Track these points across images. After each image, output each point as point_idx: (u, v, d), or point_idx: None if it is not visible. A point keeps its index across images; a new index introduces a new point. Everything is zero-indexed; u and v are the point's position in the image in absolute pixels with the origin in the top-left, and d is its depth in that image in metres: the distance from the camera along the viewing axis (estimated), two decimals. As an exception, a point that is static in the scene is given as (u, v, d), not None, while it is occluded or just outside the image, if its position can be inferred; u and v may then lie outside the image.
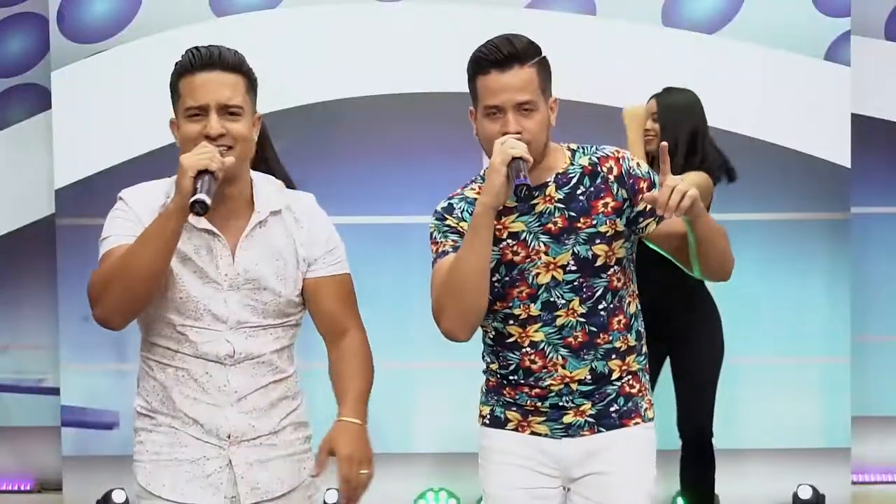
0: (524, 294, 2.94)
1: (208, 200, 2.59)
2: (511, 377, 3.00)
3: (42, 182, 6.06)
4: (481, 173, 2.98)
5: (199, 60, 2.71)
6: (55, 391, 6.05)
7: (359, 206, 5.75)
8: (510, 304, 2.95)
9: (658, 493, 4.24)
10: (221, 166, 2.64)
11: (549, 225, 2.93)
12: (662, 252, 3.08)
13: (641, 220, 2.96)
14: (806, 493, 5.74)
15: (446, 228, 2.99)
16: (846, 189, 5.89)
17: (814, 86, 5.81)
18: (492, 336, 3.03)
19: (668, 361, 4.97)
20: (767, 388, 5.93)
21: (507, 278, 2.94)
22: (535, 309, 2.94)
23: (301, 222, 2.85)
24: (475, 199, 2.91)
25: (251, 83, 2.77)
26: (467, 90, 3.00)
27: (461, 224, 2.95)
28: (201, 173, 2.61)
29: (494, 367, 3.04)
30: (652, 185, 2.94)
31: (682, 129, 4.86)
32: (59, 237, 5.88)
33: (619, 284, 2.97)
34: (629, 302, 3.01)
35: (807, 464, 5.88)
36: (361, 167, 5.85)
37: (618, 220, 2.94)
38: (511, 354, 2.99)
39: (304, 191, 3.03)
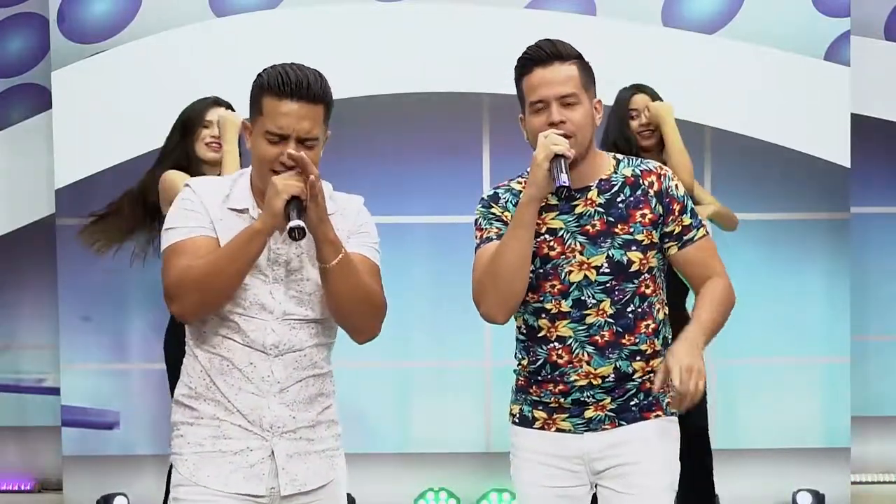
0: (556, 290, 3.05)
1: (305, 225, 2.73)
2: (539, 373, 3.10)
3: (42, 182, 6.06)
4: (527, 171, 3.07)
5: (287, 87, 2.82)
6: (55, 391, 6.05)
7: (359, 206, 5.74)
8: (541, 298, 3.06)
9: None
10: (310, 191, 2.77)
11: (588, 227, 3.05)
12: (677, 272, 3.18)
13: (667, 240, 3.10)
14: (806, 500, 5.73)
15: (491, 216, 3.11)
16: (846, 189, 5.90)
17: (814, 86, 5.81)
18: (524, 330, 3.13)
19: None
20: (767, 388, 5.93)
21: (540, 271, 3.06)
22: (565, 305, 3.05)
23: (344, 213, 2.98)
24: (520, 192, 3.06)
25: (329, 109, 2.92)
26: (467, 90, 3.04)
27: (505, 213, 3.09)
28: (293, 198, 2.75)
29: (524, 363, 3.14)
30: (684, 210, 3.08)
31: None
32: (59, 237, 5.88)
33: (649, 291, 3.08)
34: (658, 308, 3.11)
35: (807, 464, 5.88)
36: (361, 167, 5.85)
37: (654, 231, 3.07)
38: (539, 349, 3.09)
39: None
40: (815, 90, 5.81)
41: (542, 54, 3.01)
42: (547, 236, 3.05)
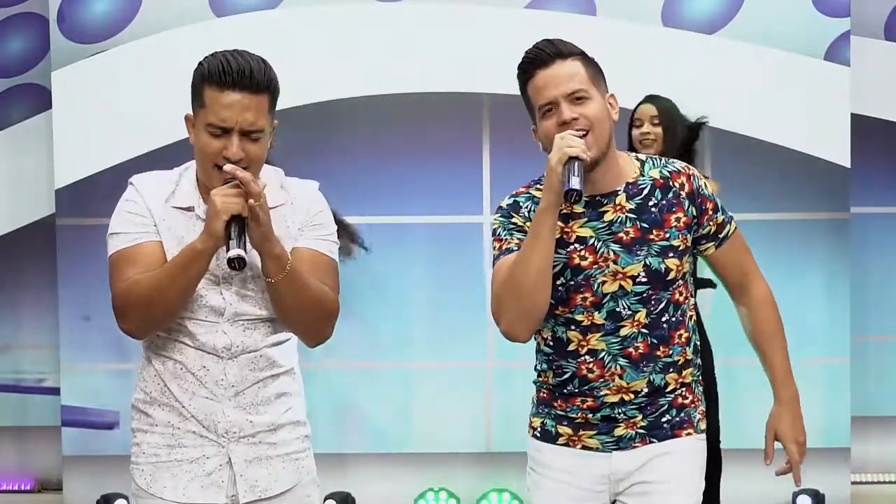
0: (588, 301, 2.88)
1: (247, 257, 2.63)
2: (565, 388, 2.94)
3: (42, 182, 6.07)
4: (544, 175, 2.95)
5: (229, 78, 2.68)
6: (55, 391, 6.05)
7: (359, 206, 5.74)
8: (572, 310, 2.89)
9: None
10: (249, 212, 2.65)
11: (621, 234, 2.87)
12: (712, 272, 3.11)
13: (704, 242, 2.97)
14: (806, 501, 5.74)
15: (511, 226, 2.92)
16: (846, 189, 5.90)
17: (814, 86, 5.81)
18: (550, 343, 2.95)
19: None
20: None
21: (571, 283, 2.88)
22: (598, 317, 2.88)
23: (295, 205, 2.84)
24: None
25: (275, 97, 2.76)
26: (467, 90, 3.00)
27: (527, 224, 2.88)
28: (235, 218, 2.64)
29: (547, 377, 2.98)
30: (717, 209, 2.95)
31: (679, 132, 4.91)
32: (59, 237, 5.88)
33: (681, 298, 2.94)
34: (690, 315, 2.98)
35: (807, 463, 5.84)
36: (361, 167, 5.86)
37: (688, 235, 2.92)
38: (567, 363, 2.93)
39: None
40: (815, 90, 5.81)
41: (542, 55, 2.84)
42: (577, 245, 2.87)
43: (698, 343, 3.03)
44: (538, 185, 2.92)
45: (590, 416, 2.93)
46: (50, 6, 5.84)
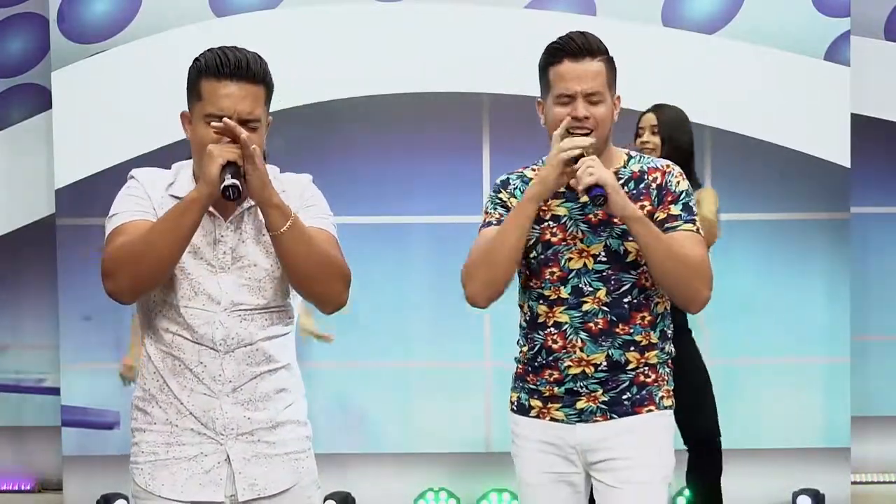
0: (555, 276, 3.09)
1: (241, 185, 2.63)
2: (536, 360, 3.13)
3: (42, 182, 6.07)
4: (543, 158, 3.12)
5: (226, 68, 2.72)
6: (55, 391, 6.05)
7: (359, 206, 5.75)
8: (542, 284, 3.11)
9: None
10: (245, 157, 2.67)
11: (590, 215, 3.08)
12: None
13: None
14: (806, 501, 5.74)
15: (497, 201, 3.18)
16: (846, 189, 5.90)
17: (814, 86, 5.81)
18: (527, 318, 3.17)
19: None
20: (767, 388, 5.93)
21: (542, 256, 3.10)
22: (564, 292, 3.09)
23: (287, 192, 2.83)
24: (530, 179, 3.12)
25: (270, 91, 2.80)
26: (467, 90, 3.03)
27: (511, 200, 3.14)
28: (229, 163, 2.66)
29: (524, 350, 3.18)
30: (675, 201, 3.07)
31: (680, 142, 4.93)
32: (59, 237, 5.88)
33: (649, 284, 3.09)
34: (658, 302, 3.13)
35: (807, 464, 5.88)
36: (361, 167, 5.86)
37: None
38: (537, 335, 3.13)
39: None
40: (815, 90, 5.81)
41: (574, 46, 3.04)
42: (551, 223, 3.10)
43: (668, 331, 3.16)
44: (532, 167, 3.19)
45: (556, 388, 3.11)
46: (50, 6, 5.84)
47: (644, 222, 2.98)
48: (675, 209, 3.07)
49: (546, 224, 3.10)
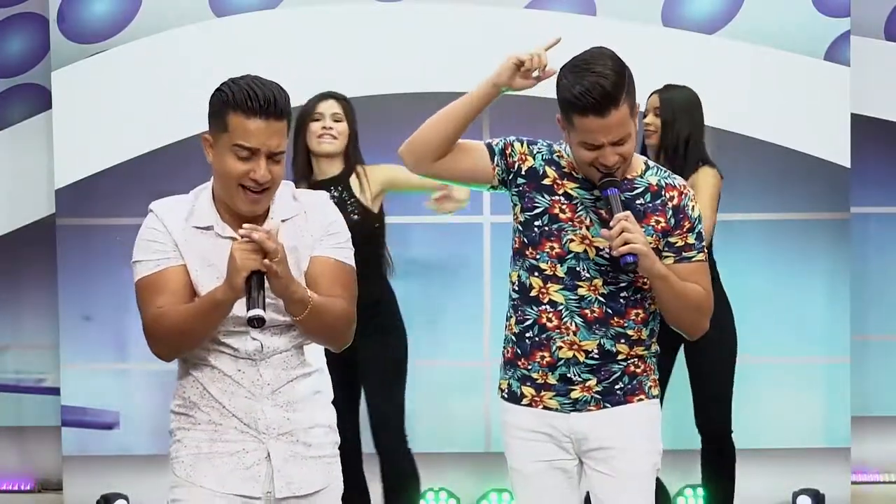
0: (554, 252, 3.12)
1: (265, 316, 2.72)
2: (526, 335, 3.15)
3: (42, 182, 6.06)
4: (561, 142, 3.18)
5: (255, 104, 2.79)
6: (55, 391, 6.05)
7: (359, 206, 5.74)
8: (538, 256, 3.13)
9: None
10: (268, 270, 2.75)
11: (603, 211, 3.10)
12: None
13: (667, 250, 3.14)
14: (806, 501, 5.74)
15: (513, 140, 3.24)
16: (846, 189, 5.90)
17: (814, 86, 5.81)
18: (517, 288, 3.18)
19: (677, 365, 5.05)
20: (767, 388, 5.93)
21: (545, 228, 3.13)
22: (560, 270, 3.12)
23: (308, 215, 2.95)
24: (556, 160, 3.15)
25: (291, 123, 2.90)
26: (466, 90, 3.03)
27: (523, 152, 3.18)
28: (254, 273, 2.74)
29: (511, 325, 3.20)
30: (692, 230, 3.13)
31: (683, 126, 4.89)
32: (59, 237, 5.88)
33: (646, 287, 3.15)
34: (651, 303, 3.18)
35: (807, 464, 5.88)
36: (361, 167, 5.85)
37: (661, 239, 3.13)
38: (530, 309, 3.16)
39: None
40: (815, 90, 5.81)
41: (599, 106, 2.96)
42: (562, 199, 3.12)
43: (656, 329, 3.23)
44: (560, 151, 3.18)
45: (549, 375, 3.15)
46: (50, 6, 5.84)
47: (667, 280, 3.04)
48: (692, 238, 3.13)
49: (557, 198, 3.12)
